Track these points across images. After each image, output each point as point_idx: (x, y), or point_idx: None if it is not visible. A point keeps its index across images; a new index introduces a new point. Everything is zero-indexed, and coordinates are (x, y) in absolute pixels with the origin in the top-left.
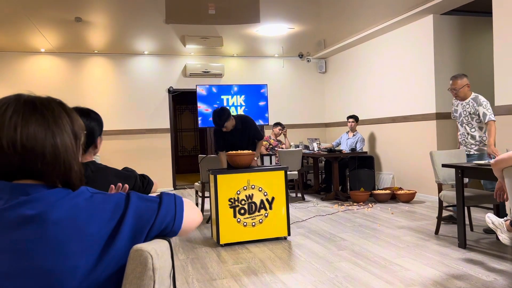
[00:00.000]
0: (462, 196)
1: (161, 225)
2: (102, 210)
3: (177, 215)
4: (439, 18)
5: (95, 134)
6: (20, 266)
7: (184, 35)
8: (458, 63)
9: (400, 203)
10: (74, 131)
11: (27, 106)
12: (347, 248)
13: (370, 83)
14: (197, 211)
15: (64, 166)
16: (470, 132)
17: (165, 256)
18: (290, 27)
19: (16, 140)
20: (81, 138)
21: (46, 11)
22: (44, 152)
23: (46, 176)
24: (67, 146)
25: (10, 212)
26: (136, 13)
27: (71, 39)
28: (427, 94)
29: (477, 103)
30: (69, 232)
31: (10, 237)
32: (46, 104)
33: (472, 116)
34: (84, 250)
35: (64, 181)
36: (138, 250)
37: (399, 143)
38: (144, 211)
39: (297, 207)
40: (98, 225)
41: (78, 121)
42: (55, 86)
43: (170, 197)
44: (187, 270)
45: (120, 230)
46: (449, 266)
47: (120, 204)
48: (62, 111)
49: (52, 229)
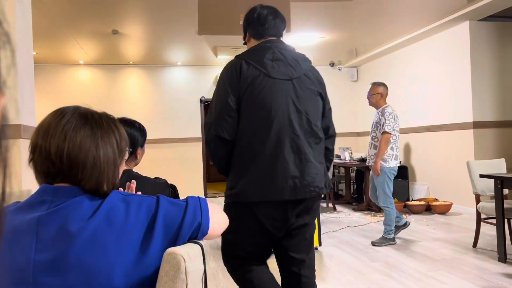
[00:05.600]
0: (502, 208)
1: (191, 224)
2: (137, 211)
3: (203, 214)
4: (475, 25)
5: (136, 144)
6: (64, 261)
7: (215, 46)
8: (496, 71)
9: (436, 214)
10: (120, 146)
11: (80, 119)
12: (380, 259)
13: (404, 91)
14: (223, 214)
15: (100, 174)
16: (374, 142)
17: (197, 260)
18: (321, 35)
19: (63, 149)
20: (126, 153)
21: (84, 24)
22: (85, 162)
23: (84, 182)
24: (109, 158)
25: (56, 215)
26: (170, 26)
27: (108, 51)
28: (464, 103)
29: (382, 113)
30: (107, 232)
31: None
32: (97, 119)
33: (377, 125)
34: (121, 249)
35: (98, 185)
36: (171, 253)
37: (434, 153)
38: (173, 212)
39: (328, 218)
40: (133, 225)
41: (126, 138)
42: (92, 96)
43: (195, 199)
44: (218, 278)
45: (154, 231)
46: (488, 280)
47: (151, 206)
48: (112, 126)
49: (91, 228)
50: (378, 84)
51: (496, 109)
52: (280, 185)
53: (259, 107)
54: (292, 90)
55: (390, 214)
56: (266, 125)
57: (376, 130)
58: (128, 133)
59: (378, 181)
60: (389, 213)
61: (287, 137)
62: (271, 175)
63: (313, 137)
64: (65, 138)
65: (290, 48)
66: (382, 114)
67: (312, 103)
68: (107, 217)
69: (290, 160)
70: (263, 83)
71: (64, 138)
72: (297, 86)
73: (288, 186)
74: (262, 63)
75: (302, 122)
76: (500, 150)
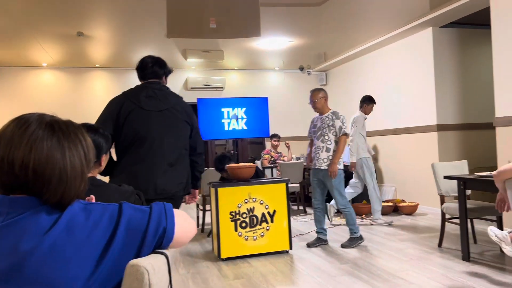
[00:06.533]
0: (465, 208)
1: (156, 229)
2: (98, 220)
3: (168, 219)
4: (438, 31)
5: (101, 150)
6: (19, 275)
7: (185, 49)
8: (458, 75)
9: (403, 215)
10: (88, 157)
11: (46, 129)
12: (350, 261)
13: (371, 95)
14: (190, 221)
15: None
16: (326, 145)
17: (162, 271)
18: (291, 40)
19: (29, 162)
20: (92, 163)
21: (48, 26)
22: (52, 176)
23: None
24: (77, 171)
25: (11, 228)
26: (138, 28)
27: (73, 53)
28: (428, 106)
29: (336, 116)
30: (67, 244)
31: (10, 247)
32: (64, 129)
33: (330, 128)
34: (82, 261)
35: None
36: (134, 265)
37: (401, 155)
38: (137, 218)
39: (298, 220)
40: (94, 235)
41: (93, 148)
42: (56, 100)
43: (159, 204)
44: (188, 285)
45: (115, 239)
46: (453, 279)
47: (113, 214)
48: (79, 136)
49: (49, 241)
50: (318, 90)
51: (458, 112)
52: (144, 186)
53: (135, 131)
54: (161, 118)
55: (351, 213)
56: (141, 143)
57: (328, 133)
58: (93, 140)
59: (334, 184)
60: (349, 213)
61: (156, 152)
62: (142, 181)
63: (177, 153)
64: (30, 150)
65: (163, 88)
66: (336, 117)
67: (178, 128)
68: (67, 228)
69: (156, 169)
70: (138, 113)
71: (30, 150)
72: (165, 115)
73: (150, 188)
74: (138, 99)
75: (168, 141)
76: (462, 152)
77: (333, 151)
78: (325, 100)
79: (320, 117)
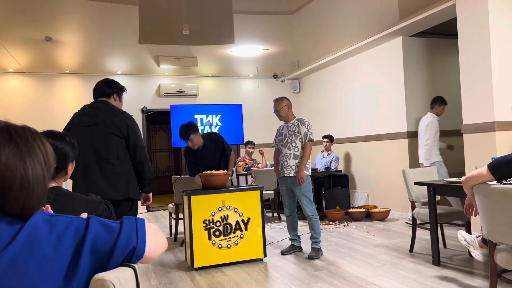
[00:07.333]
0: (435, 213)
1: (123, 249)
2: (62, 235)
3: (139, 237)
4: (408, 40)
5: (67, 159)
6: None
7: (158, 55)
8: (427, 83)
9: (375, 221)
10: (48, 163)
11: (3, 135)
12: (324, 268)
13: (344, 102)
14: (161, 236)
15: (28, 196)
16: (294, 152)
17: (129, 284)
18: (264, 48)
19: None
20: (52, 169)
21: (15, 30)
22: (12, 184)
23: (8, 205)
24: (38, 178)
25: None
26: (109, 33)
27: (41, 58)
28: (399, 113)
29: (301, 123)
30: (28, 259)
31: None
32: (21, 134)
33: (296, 135)
34: (45, 278)
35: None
36: (99, 279)
37: (372, 161)
38: (104, 236)
39: (273, 227)
40: (57, 251)
41: (53, 152)
42: (24, 106)
43: (131, 220)
44: None
45: (81, 257)
46: (423, 284)
47: (79, 229)
48: (38, 141)
49: (9, 257)
50: (280, 99)
51: None
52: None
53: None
54: (89, 132)
55: (318, 221)
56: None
57: (295, 140)
58: (58, 148)
59: (303, 190)
60: (317, 221)
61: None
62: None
63: (105, 163)
64: None
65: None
66: (301, 123)
67: (106, 141)
68: (28, 242)
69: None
70: (72, 129)
71: None
72: (93, 130)
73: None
74: (75, 116)
75: (94, 152)
76: None
77: (300, 157)
78: (289, 108)
79: (286, 125)
